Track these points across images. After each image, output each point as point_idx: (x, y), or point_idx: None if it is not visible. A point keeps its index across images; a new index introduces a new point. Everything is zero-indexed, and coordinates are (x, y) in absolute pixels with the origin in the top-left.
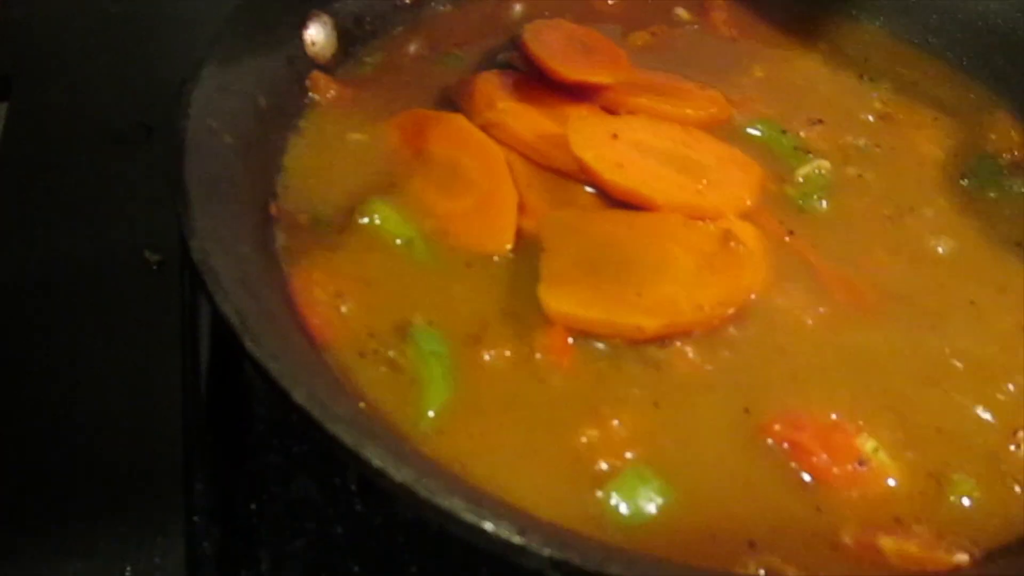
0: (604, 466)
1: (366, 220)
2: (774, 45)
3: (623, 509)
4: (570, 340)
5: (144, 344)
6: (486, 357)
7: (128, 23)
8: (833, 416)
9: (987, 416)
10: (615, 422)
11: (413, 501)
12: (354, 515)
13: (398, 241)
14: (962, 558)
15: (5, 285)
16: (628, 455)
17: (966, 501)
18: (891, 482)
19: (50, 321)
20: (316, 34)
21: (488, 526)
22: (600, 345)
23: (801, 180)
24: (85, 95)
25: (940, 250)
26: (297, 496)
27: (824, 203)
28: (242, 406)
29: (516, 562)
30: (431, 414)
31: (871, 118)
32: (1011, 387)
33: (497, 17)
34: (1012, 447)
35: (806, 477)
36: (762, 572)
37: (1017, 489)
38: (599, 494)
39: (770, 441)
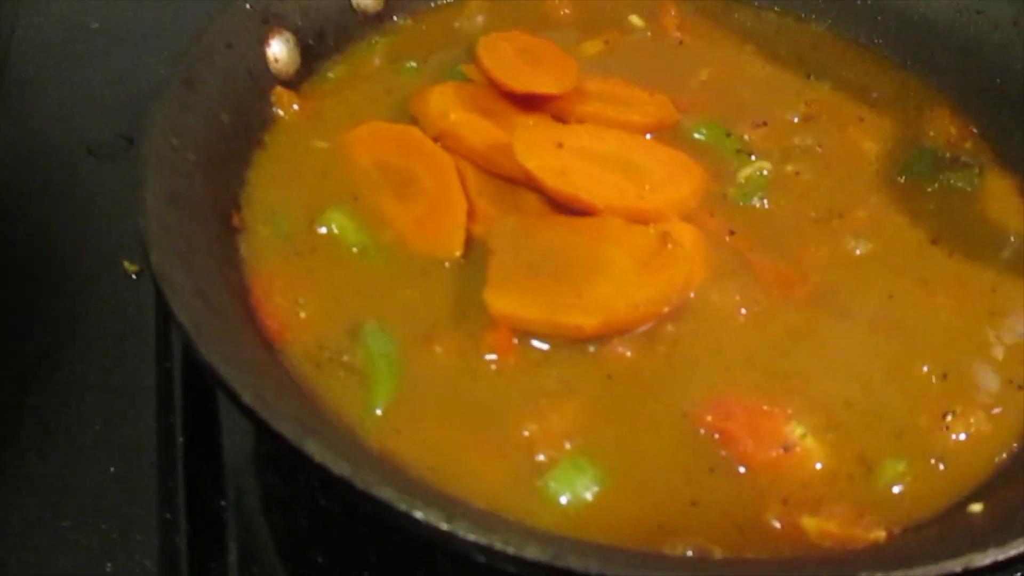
0: (543, 457)
1: (324, 229)
2: (723, 48)
3: (562, 498)
4: (515, 340)
5: (121, 351)
6: (434, 357)
7: (108, 38)
8: (764, 405)
9: (915, 402)
10: (555, 416)
11: (351, 492)
12: (318, 509)
13: (354, 249)
14: (879, 535)
15: None
16: (566, 446)
17: (897, 488)
18: (818, 465)
19: (30, 329)
20: (279, 51)
21: (418, 514)
22: (543, 344)
23: (743, 181)
24: (66, 108)
25: (859, 251)
26: (264, 491)
27: (765, 202)
28: (212, 408)
29: (446, 548)
30: (378, 412)
31: (814, 118)
32: (938, 373)
33: (458, 28)
34: (941, 430)
35: (735, 463)
36: (690, 552)
37: (942, 467)
38: (539, 483)
39: (702, 431)
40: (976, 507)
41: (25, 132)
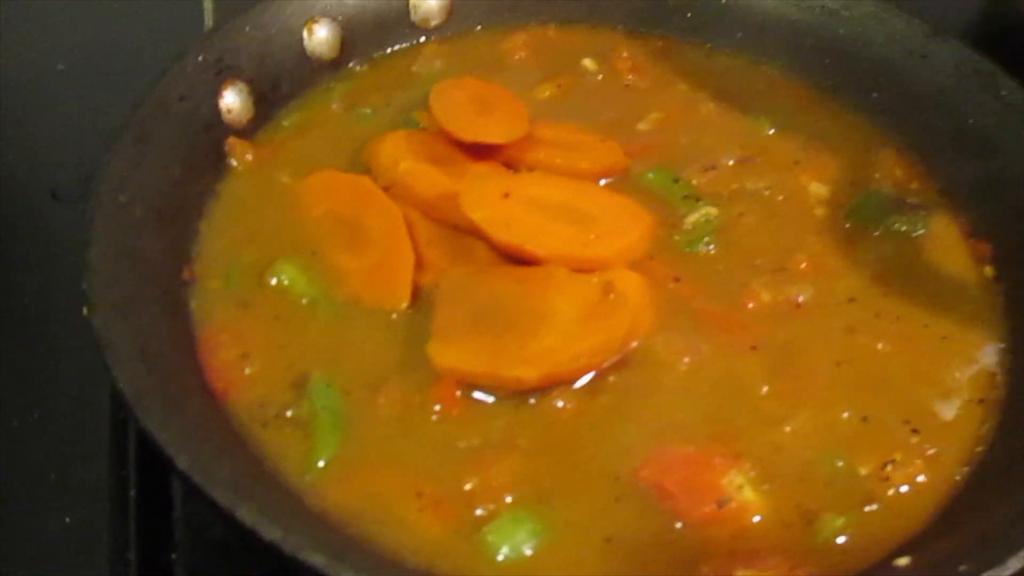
0: (481, 511)
1: (274, 281)
2: (674, 91)
3: (501, 552)
4: (459, 392)
5: (78, 399)
6: (380, 410)
7: (74, 80)
8: (702, 456)
9: (853, 450)
10: (495, 469)
11: (282, 557)
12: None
13: (304, 300)
14: None
15: None
16: (507, 499)
17: (840, 539)
18: (756, 518)
19: None
20: (232, 101)
21: None
22: (487, 396)
23: (689, 227)
24: (30, 150)
25: (801, 298)
26: (216, 544)
27: (711, 248)
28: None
29: None
30: (321, 464)
31: (762, 162)
32: (874, 423)
33: (416, 72)
34: (881, 480)
35: (673, 519)
36: None
37: (880, 517)
38: (477, 537)
39: (641, 485)
40: (903, 560)
41: None
